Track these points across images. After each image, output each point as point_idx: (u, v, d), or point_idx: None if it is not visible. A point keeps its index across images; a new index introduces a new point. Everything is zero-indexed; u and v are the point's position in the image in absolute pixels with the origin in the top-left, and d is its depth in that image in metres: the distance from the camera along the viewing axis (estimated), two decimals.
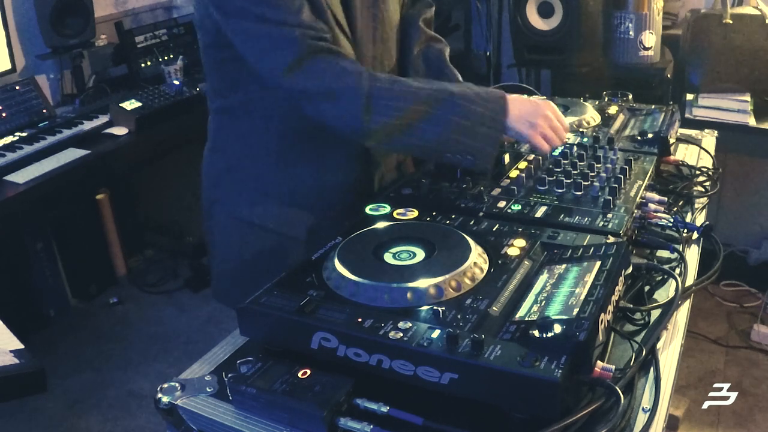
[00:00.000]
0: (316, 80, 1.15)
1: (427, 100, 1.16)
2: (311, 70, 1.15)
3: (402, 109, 1.15)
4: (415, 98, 1.16)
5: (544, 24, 2.74)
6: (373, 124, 1.15)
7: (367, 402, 0.79)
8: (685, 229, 1.21)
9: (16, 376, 1.18)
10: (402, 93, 1.16)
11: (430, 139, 1.17)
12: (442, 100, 1.16)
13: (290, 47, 1.15)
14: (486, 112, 1.17)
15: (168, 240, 3.47)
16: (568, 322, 0.79)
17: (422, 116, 1.15)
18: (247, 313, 0.90)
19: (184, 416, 0.86)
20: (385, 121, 1.15)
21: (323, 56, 1.16)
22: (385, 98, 1.15)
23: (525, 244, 1.03)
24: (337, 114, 1.17)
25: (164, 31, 3.09)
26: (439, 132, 1.16)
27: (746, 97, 2.49)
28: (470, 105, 1.16)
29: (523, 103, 1.23)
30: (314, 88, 1.16)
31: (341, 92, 1.15)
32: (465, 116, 1.16)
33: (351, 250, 1.00)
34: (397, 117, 1.15)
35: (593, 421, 0.78)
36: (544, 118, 1.22)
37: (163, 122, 2.65)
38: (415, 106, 1.15)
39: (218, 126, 1.39)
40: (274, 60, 1.16)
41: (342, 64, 1.17)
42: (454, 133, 1.16)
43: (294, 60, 1.14)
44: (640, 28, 2.54)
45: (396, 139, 1.18)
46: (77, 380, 2.67)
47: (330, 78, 1.15)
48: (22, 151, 2.30)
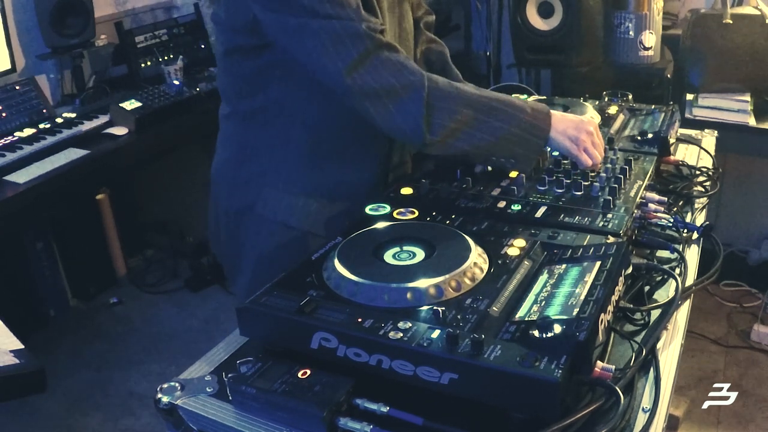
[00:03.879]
0: (379, 78, 1.14)
1: (482, 107, 1.18)
2: (375, 67, 1.14)
3: (459, 112, 1.17)
4: (471, 104, 1.18)
5: (544, 24, 2.73)
6: (432, 126, 1.16)
7: (367, 402, 0.79)
8: (685, 229, 1.21)
9: (16, 376, 1.18)
10: (459, 97, 1.17)
11: (481, 145, 1.20)
12: (495, 108, 1.19)
13: (355, 42, 1.13)
14: (534, 122, 1.21)
15: (168, 240, 3.47)
16: (568, 322, 0.79)
17: (476, 122, 1.18)
18: (247, 313, 0.90)
19: (184, 416, 0.86)
20: (443, 123, 1.16)
21: (386, 53, 1.15)
22: (443, 100, 1.16)
23: (525, 244, 1.03)
24: (398, 113, 1.16)
25: (164, 31, 3.09)
26: (490, 139, 1.19)
27: (746, 97, 2.49)
28: (520, 114, 1.20)
29: (568, 118, 1.27)
30: (377, 86, 1.14)
31: (404, 91, 1.15)
32: (516, 125, 1.19)
33: (351, 250, 1.00)
34: (454, 120, 1.16)
35: (593, 421, 0.78)
36: (587, 134, 1.26)
37: (163, 122, 2.65)
38: (470, 112, 1.17)
39: (242, 131, 1.36)
40: (336, 56, 1.13)
41: (403, 62, 1.16)
42: (503, 140, 1.19)
43: (359, 56, 1.13)
44: (640, 28, 2.54)
45: (449, 142, 1.19)
46: (77, 380, 2.67)
47: (392, 75, 1.14)
48: (22, 151, 2.29)
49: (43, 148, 2.34)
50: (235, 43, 1.27)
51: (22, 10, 2.69)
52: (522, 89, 2.69)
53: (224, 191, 1.41)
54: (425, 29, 1.50)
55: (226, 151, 1.40)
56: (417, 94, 1.14)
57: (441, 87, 1.17)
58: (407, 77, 1.15)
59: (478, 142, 1.19)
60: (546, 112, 1.24)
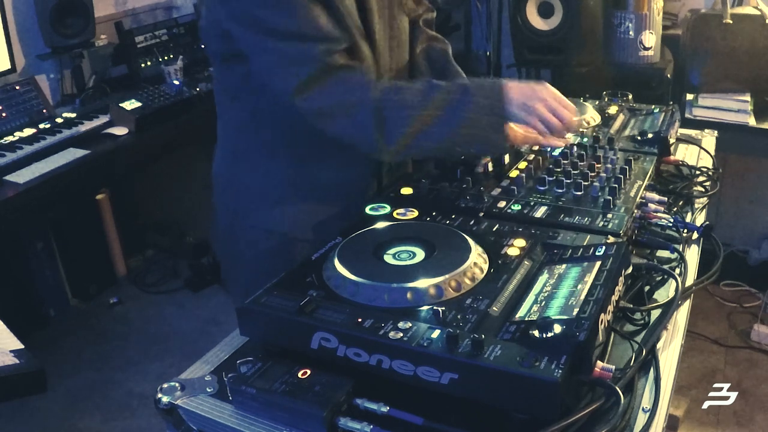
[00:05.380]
0: (328, 98, 1.14)
1: (434, 103, 1.16)
2: (324, 88, 1.14)
3: (412, 116, 1.15)
4: (424, 104, 1.16)
5: (544, 24, 2.73)
6: (386, 136, 1.16)
7: (367, 402, 0.79)
8: (685, 229, 1.21)
9: (16, 376, 1.18)
10: (411, 101, 1.16)
11: (443, 139, 1.18)
12: (447, 100, 1.17)
13: (307, 65, 1.13)
14: (486, 102, 1.17)
15: (168, 240, 3.47)
16: (568, 322, 0.79)
17: (433, 119, 1.16)
18: (247, 313, 0.90)
19: (184, 416, 0.87)
20: (398, 131, 1.16)
21: (339, 74, 1.15)
22: (395, 109, 1.15)
23: (525, 244, 1.03)
24: (351, 128, 1.17)
25: (164, 31, 3.09)
26: (450, 131, 1.17)
27: (746, 97, 2.49)
28: (471, 98, 1.17)
29: (522, 88, 1.22)
30: (326, 106, 1.15)
31: (354, 107, 1.15)
32: (472, 110, 1.16)
33: (351, 250, 1.00)
34: (409, 125, 1.16)
35: (593, 421, 0.78)
36: (541, 101, 1.21)
37: (163, 122, 2.64)
38: (424, 112, 1.16)
39: (231, 138, 1.37)
40: (287, 77, 1.15)
41: (355, 79, 1.16)
42: (464, 129, 1.16)
43: (308, 78, 1.13)
44: (640, 28, 2.54)
45: (411, 146, 1.18)
46: (77, 380, 2.67)
47: (343, 94, 1.15)
48: (22, 151, 2.29)
49: (43, 148, 2.34)
50: (215, 52, 1.28)
51: (22, 10, 2.68)
52: None
53: (219, 196, 1.42)
54: (426, 26, 1.50)
55: (218, 156, 1.41)
56: (367, 108, 1.14)
57: (392, 96, 1.16)
58: (357, 94, 1.15)
59: (440, 137, 1.17)
60: (498, 86, 1.19)
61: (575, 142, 1.45)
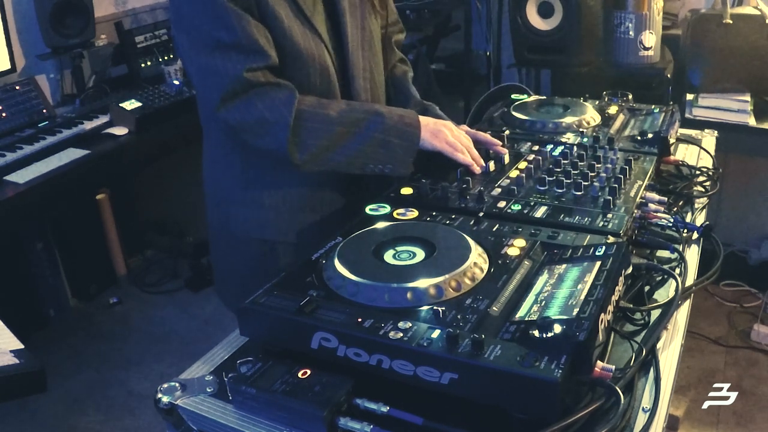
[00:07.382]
0: (248, 113, 1.20)
1: (348, 120, 1.24)
2: (245, 103, 1.19)
3: (326, 130, 1.22)
4: (339, 120, 1.23)
5: (544, 24, 2.73)
6: (300, 147, 1.21)
7: (367, 402, 0.79)
8: (685, 229, 1.21)
9: (16, 376, 1.18)
10: (326, 116, 1.23)
11: (352, 155, 1.25)
12: (360, 119, 1.25)
13: (231, 81, 1.18)
14: (399, 125, 1.27)
15: (168, 240, 3.47)
16: (568, 322, 0.79)
17: (345, 135, 1.24)
18: (247, 313, 0.90)
19: (184, 416, 0.87)
20: (311, 143, 1.22)
21: (261, 90, 1.20)
22: (310, 122, 1.22)
23: (525, 244, 1.03)
24: (266, 138, 1.22)
25: (164, 31, 3.09)
26: (359, 148, 1.25)
27: (746, 97, 2.49)
28: (385, 120, 1.26)
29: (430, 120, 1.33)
30: (245, 120, 1.21)
31: (270, 122, 1.20)
32: (381, 130, 1.25)
33: (351, 250, 1.00)
34: (323, 138, 1.22)
35: (593, 421, 0.78)
36: (444, 126, 1.33)
37: (163, 122, 2.65)
38: (337, 128, 1.23)
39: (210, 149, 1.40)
40: (213, 89, 1.20)
41: (275, 96, 1.20)
42: (372, 147, 1.25)
43: (232, 92, 1.18)
44: (640, 28, 2.54)
45: (323, 158, 1.25)
46: (77, 380, 2.67)
47: (262, 110, 1.19)
48: (22, 151, 2.30)
49: (43, 148, 2.35)
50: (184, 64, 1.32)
51: (22, 11, 2.69)
52: (521, 89, 2.68)
53: (207, 200, 1.44)
54: (396, 47, 1.57)
55: (203, 161, 1.44)
56: (283, 122, 1.19)
57: (309, 111, 1.22)
58: (276, 109, 1.20)
59: (349, 152, 1.25)
60: (413, 114, 1.31)
61: (575, 142, 1.45)
